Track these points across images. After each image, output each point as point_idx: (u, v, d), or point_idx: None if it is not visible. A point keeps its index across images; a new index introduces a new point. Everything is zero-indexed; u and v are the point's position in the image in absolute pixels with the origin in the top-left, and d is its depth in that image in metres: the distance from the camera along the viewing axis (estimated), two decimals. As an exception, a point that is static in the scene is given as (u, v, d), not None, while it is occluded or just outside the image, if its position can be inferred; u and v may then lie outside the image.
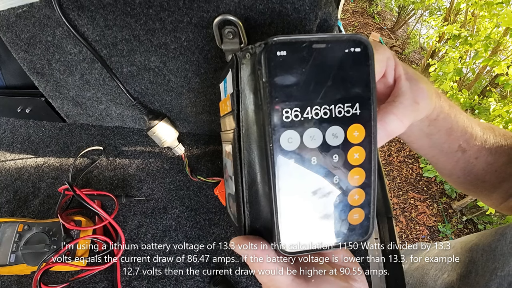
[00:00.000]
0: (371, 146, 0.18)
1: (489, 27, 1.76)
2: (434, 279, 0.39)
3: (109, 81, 0.44)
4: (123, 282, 0.40)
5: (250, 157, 0.19)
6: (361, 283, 0.20)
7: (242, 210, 0.20)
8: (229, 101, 0.22)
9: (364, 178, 0.18)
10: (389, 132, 0.20)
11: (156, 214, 0.46)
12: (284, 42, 0.16)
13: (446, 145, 0.30)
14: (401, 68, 0.23)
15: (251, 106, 0.18)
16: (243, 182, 0.20)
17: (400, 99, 0.21)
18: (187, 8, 0.31)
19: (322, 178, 0.17)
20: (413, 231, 1.90)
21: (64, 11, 0.34)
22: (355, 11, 3.82)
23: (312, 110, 0.17)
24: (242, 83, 0.19)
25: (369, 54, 0.17)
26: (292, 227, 0.17)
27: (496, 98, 1.63)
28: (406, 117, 0.21)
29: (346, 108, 0.17)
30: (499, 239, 0.31)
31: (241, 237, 0.19)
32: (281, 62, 0.16)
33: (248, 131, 0.19)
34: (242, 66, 0.19)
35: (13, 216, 0.47)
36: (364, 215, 0.19)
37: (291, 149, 0.17)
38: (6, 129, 0.58)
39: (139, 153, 0.52)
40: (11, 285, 0.41)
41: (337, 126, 0.17)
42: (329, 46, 0.17)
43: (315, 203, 0.18)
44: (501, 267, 0.29)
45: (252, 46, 0.17)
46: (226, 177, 0.27)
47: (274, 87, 0.16)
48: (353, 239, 0.19)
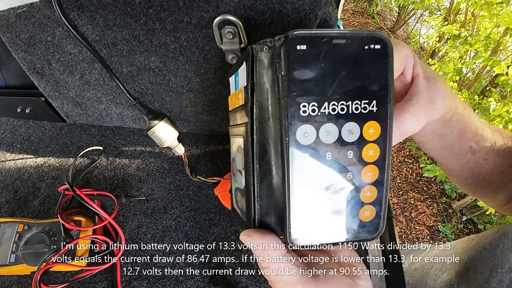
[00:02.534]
0: (386, 144, 0.18)
1: (489, 27, 1.76)
2: (434, 278, 0.39)
3: (109, 81, 0.44)
4: (123, 282, 0.40)
5: (263, 150, 0.19)
6: (365, 280, 0.20)
7: (252, 204, 0.20)
8: (241, 94, 0.22)
9: (377, 176, 0.18)
10: (404, 131, 0.20)
11: (156, 214, 0.46)
12: (304, 36, 0.16)
13: (458, 146, 0.30)
14: (420, 67, 0.22)
15: (267, 99, 0.18)
16: (254, 175, 0.20)
17: (417, 98, 0.21)
18: (187, 8, 0.31)
19: (336, 173, 0.17)
20: (413, 231, 1.90)
21: (64, 11, 0.34)
22: (355, 11, 3.82)
23: (329, 105, 0.17)
24: (258, 76, 0.19)
25: (388, 52, 0.17)
26: (304, 221, 0.18)
27: (496, 98, 1.63)
28: (422, 117, 0.21)
29: (363, 105, 0.17)
30: (500, 237, 0.31)
31: (251, 230, 0.19)
32: (301, 56, 0.16)
33: (262, 125, 0.19)
34: (259, 59, 0.18)
35: (13, 216, 0.47)
36: (376, 212, 0.19)
37: (306, 143, 0.17)
38: (6, 129, 0.58)
39: (139, 153, 0.52)
40: (11, 285, 0.41)
41: (353, 123, 0.17)
42: (349, 42, 0.17)
43: (327, 198, 0.18)
44: (501, 264, 0.29)
45: (271, 39, 0.17)
46: (234, 172, 0.26)
47: (293, 81, 0.16)
48: (363, 236, 0.19)
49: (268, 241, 0.18)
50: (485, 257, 0.32)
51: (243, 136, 0.22)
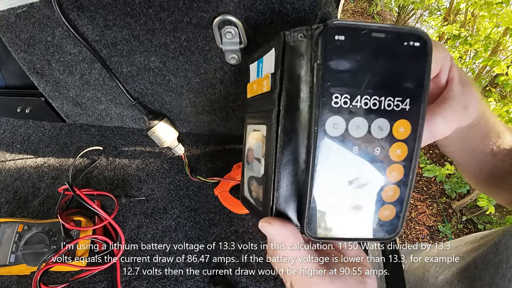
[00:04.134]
0: (415, 145, 0.17)
1: (489, 27, 1.76)
2: (435, 275, 0.39)
3: (109, 81, 0.44)
4: (123, 282, 0.40)
5: (289, 139, 0.19)
6: (372, 279, 0.20)
7: (271, 192, 0.20)
8: (266, 81, 0.21)
9: (402, 176, 0.18)
10: (434, 134, 0.20)
11: (156, 214, 0.46)
12: (344, 27, 0.16)
13: (479, 149, 0.30)
14: (456, 71, 0.22)
15: (297, 87, 0.18)
16: (276, 163, 0.20)
17: (450, 102, 0.21)
18: (187, 8, 0.31)
19: (361, 168, 0.17)
20: (413, 231, 1.90)
21: (64, 11, 0.34)
22: (355, 11, 3.82)
23: (361, 99, 0.16)
24: (288, 63, 0.18)
25: (427, 51, 0.17)
26: (323, 213, 0.17)
27: (496, 98, 1.63)
28: (454, 121, 0.20)
29: (396, 102, 0.17)
30: (503, 235, 0.31)
31: (271, 218, 0.19)
32: (338, 47, 0.16)
33: (290, 112, 0.19)
34: (290, 46, 0.18)
35: (13, 216, 0.47)
36: (395, 212, 0.18)
37: (335, 135, 0.17)
38: (6, 129, 0.58)
39: (139, 153, 0.52)
40: (11, 285, 0.41)
41: (384, 119, 0.17)
42: (389, 36, 0.16)
43: (349, 193, 0.18)
44: (506, 259, 0.29)
45: (307, 27, 0.17)
46: (248, 160, 0.26)
47: (328, 70, 0.16)
48: (380, 235, 0.19)
49: (289, 229, 0.18)
50: (487, 253, 0.32)
51: (266, 123, 0.21)
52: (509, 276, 0.28)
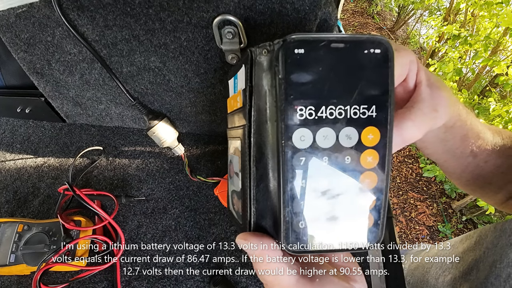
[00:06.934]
0: (386, 151, 0.17)
1: (489, 27, 1.76)
2: (435, 277, 0.39)
3: (109, 81, 0.44)
4: (123, 282, 0.40)
5: (261, 153, 0.19)
6: (361, 283, 0.20)
7: (248, 207, 0.20)
8: (239, 97, 0.22)
9: (375, 183, 0.18)
10: (405, 138, 0.20)
11: (156, 214, 0.46)
12: (302, 40, 0.16)
13: (459, 151, 0.30)
14: (423, 74, 0.22)
15: (265, 102, 0.18)
16: (251, 178, 0.20)
17: (419, 105, 0.21)
18: (187, 8, 0.31)
19: (333, 179, 0.17)
20: (412, 231, 1.90)
21: (64, 11, 0.34)
22: (354, 11, 3.82)
23: (326, 109, 0.16)
24: (256, 79, 0.19)
25: (389, 56, 0.17)
26: (298, 226, 0.17)
27: (496, 98, 1.63)
28: (424, 125, 0.21)
29: (362, 110, 0.17)
30: (500, 235, 0.31)
31: (247, 233, 0.19)
32: (299, 60, 0.16)
33: (260, 127, 0.19)
34: (258, 62, 0.18)
35: (13, 216, 0.47)
36: (374, 220, 0.18)
37: (303, 147, 0.17)
38: (6, 129, 0.58)
39: (139, 153, 0.52)
40: (11, 285, 0.41)
41: (352, 127, 0.17)
42: (348, 46, 0.16)
43: (324, 204, 0.17)
44: (500, 259, 0.29)
45: (270, 43, 0.17)
46: (231, 174, 0.26)
47: (290, 84, 0.16)
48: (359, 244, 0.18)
49: (266, 242, 0.18)
50: (487, 255, 0.32)
51: (240, 138, 0.22)
52: (503, 276, 0.28)
